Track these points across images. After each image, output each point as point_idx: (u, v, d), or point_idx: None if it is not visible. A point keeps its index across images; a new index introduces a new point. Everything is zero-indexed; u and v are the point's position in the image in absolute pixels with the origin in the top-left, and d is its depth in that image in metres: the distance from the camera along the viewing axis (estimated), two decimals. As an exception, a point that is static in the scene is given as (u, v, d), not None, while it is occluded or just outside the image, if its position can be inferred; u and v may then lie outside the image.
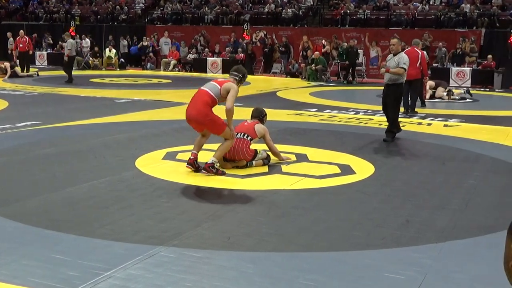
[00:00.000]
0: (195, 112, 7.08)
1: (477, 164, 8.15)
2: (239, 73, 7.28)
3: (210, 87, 7.15)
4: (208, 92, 7.10)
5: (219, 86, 7.10)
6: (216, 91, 7.07)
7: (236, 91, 7.07)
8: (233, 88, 7.05)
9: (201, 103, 7.06)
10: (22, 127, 10.32)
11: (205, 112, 7.01)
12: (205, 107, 7.03)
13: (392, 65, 9.55)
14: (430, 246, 4.76)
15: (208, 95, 7.07)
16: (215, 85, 7.14)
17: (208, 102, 7.04)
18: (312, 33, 25.28)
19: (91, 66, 26.29)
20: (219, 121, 7.10)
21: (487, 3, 24.72)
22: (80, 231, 4.89)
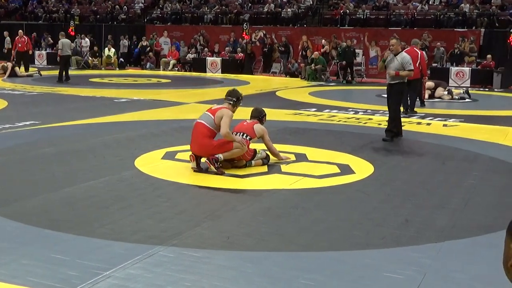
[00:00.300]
0: (198, 148, 7.25)
1: (476, 163, 8.15)
2: (233, 97, 7.44)
3: (205, 119, 7.29)
4: (204, 124, 7.25)
5: (212, 116, 7.23)
6: (211, 122, 7.22)
7: (229, 117, 7.17)
8: (225, 114, 7.15)
9: (201, 137, 7.22)
10: (21, 126, 10.32)
11: (208, 143, 7.18)
12: (205, 139, 7.19)
13: (395, 66, 9.58)
14: (430, 246, 4.76)
15: (205, 127, 7.23)
16: (209, 116, 7.28)
17: (207, 134, 7.21)
18: (312, 33, 25.29)
19: (91, 66, 26.29)
20: (225, 142, 7.21)
21: (486, 3, 24.73)
22: (80, 231, 4.89)
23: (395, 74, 9.56)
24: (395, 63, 9.62)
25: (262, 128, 7.78)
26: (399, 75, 9.56)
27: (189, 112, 12.64)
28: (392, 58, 9.70)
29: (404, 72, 9.58)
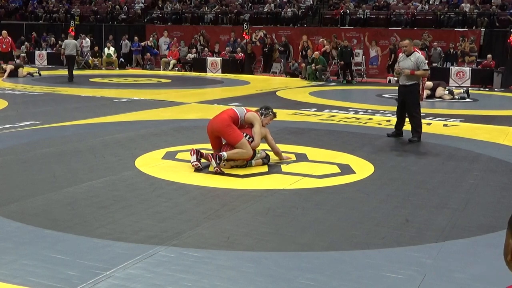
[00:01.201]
0: (216, 121, 7.43)
1: (476, 163, 8.15)
2: (263, 108, 7.87)
3: (237, 109, 7.63)
4: (235, 110, 7.54)
5: (245, 112, 7.58)
6: (242, 113, 7.53)
7: (260, 124, 7.53)
8: (257, 121, 7.51)
9: (224, 114, 7.47)
10: (22, 126, 10.32)
11: (226, 119, 7.37)
12: (227, 116, 7.41)
13: (408, 66, 9.57)
14: (430, 246, 4.76)
15: (234, 111, 7.52)
16: (243, 109, 7.66)
17: (232, 115, 7.44)
18: (312, 32, 25.29)
19: (91, 66, 26.30)
20: (237, 132, 7.37)
21: (486, 3, 24.73)
22: (80, 231, 4.89)
23: (410, 73, 9.48)
24: (408, 63, 9.56)
25: (264, 129, 7.78)
26: (414, 74, 9.53)
27: (190, 112, 12.65)
28: (405, 58, 9.66)
29: (419, 72, 9.60)
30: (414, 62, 9.54)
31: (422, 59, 9.68)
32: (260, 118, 7.64)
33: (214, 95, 16.38)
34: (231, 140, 7.32)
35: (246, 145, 7.31)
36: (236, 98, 14.11)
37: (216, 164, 7.08)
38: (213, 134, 7.49)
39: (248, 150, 7.34)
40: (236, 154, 7.30)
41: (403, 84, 9.75)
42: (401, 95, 9.91)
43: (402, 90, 9.84)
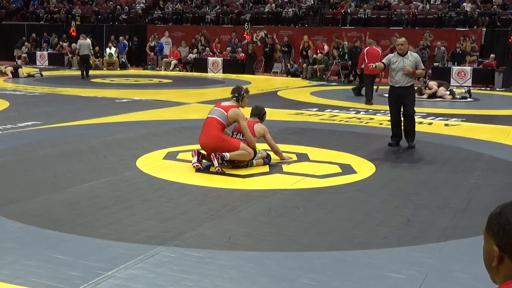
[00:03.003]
0: (208, 139, 7.35)
1: (478, 163, 8.14)
2: (234, 93, 7.69)
3: (217, 114, 7.48)
4: (217, 118, 7.43)
5: (225, 112, 7.43)
6: (224, 117, 7.43)
7: (243, 118, 7.46)
8: (241, 118, 7.41)
9: (212, 129, 7.38)
10: (23, 127, 10.33)
11: (217, 135, 7.32)
12: (216, 131, 7.35)
13: (408, 65, 8.84)
14: (432, 246, 4.76)
15: (217, 121, 7.42)
16: (222, 112, 7.47)
17: (219, 127, 7.39)
18: (313, 32, 25.27)
19: (92, 66, 26.29)
20: (233, 141, 7.38)
21: (487, 2, 24.71)
22: (82, 231, 4.89)
23: (412, 72, 8.81)
24: (406, 63, 8.88)
25: (262, 127, 7.78)
26: (415, 73, 8.94)
27: (191, 112, 12.66)
28: (399, 57, 8.98)
29: (419, 71, 9.03)
30: (413, 62, 8.93)
31: (419, 59, 9.24)
32: (239, 110, 7.48)
33: (215, 95, 16.38)
34: (229, 151, 7.29)
35: (246, 148, 7.35)
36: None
37: (218, 165, 7.08)
38: (207, 149, 7.37)
39: (250, 152, 7.37)
40: (239, 156, 7.32)
41: (401, 86, 8.95)
42: (399, 98, 9.03)
43: (400, 92, 8.99)
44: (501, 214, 1.64)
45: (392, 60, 9.04)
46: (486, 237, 1.65)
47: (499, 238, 1.61)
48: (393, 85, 9.03)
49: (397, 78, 8.95)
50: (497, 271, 1.62)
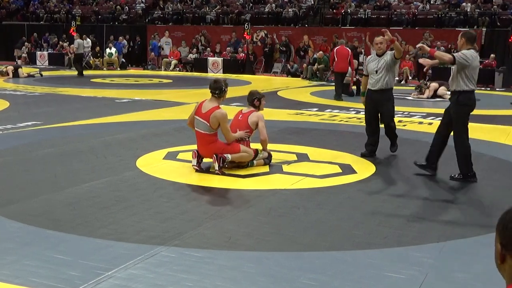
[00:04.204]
0: (209, 152, 7.24)
1: (478, 163, 8.13)
2: (216, 89, 7.35)
3: (202, 128, 7.25)
4: (205, 133, 7.25)
5: (207, 122, 7.18)
6: (208, 128, 7.21)
7: (224, 120, 7.15)
8: (221, 120, 7.13)
9: (206, 143, 7.26)
10: (23, 127, 10.33)
11: (216, 147, 7.22)
12: (211, 145, 7.24)
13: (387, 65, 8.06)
14: (432, 246, 4.76)
15: (206, 135, 7.24)
16: (203, 123, 7.22)
17: (210, 140, 7.25)
18: (313, 32, 25.29)
19: (92, 66, 26.32)
20: (233, 146, 7.29)
21: (487, 2, 24.72)
22: (82, 231, 4.89)
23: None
24: (381, 62, 8.06)
25: (256, 115, 7.65)
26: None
27: (191, 112, 12.64)
28: (376, 59, 8.17)
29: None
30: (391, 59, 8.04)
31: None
32: (219, 112, 7.13)
33: (215, 95, 16.38)
34: (233, 152, 7.27)
35: (247, 150, 7.37)
36: (237, 98, 14.10)
37: (218, 168, 7.06)
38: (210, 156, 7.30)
39: (250, 153, 7.38)
40: (240, 158, 7.32)
41: (378, 88, 8.10)
42: (375, 103, 8.21)
43: (376, 97, 8.14)
44: (507, 214, 1.65)
45: (369, 60, 8.36)
46: (495, 237, 1.67)
47: (502, 236, 1.63)
48: (370, 87, 8.26)
49: (373, 81, 8.16)
50: (503, 270, 1.64)
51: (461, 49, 6.93)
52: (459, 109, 7.04)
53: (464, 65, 6.78)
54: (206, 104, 7.34)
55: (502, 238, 1.62)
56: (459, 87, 6.94)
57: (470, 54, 6.82)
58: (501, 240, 1.63)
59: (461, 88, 6.92)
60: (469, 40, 6.93)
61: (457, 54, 6.84)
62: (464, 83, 6.91)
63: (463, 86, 6.91)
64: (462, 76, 6.88)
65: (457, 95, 6.99)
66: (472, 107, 7.20)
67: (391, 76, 8.12)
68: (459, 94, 6.96)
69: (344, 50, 15.92)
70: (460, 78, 6.90)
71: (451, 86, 7.09)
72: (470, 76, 6.91)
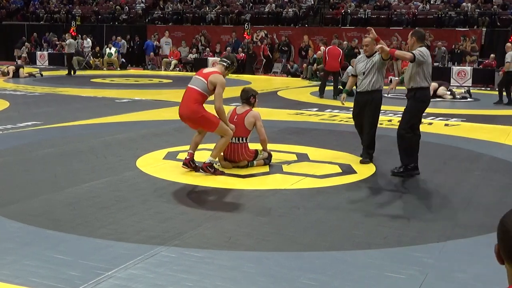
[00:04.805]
0: (187, 111, 7.05)
1: (478, 163, 8.14)
2: (228, 60, 7.25)
3: (198, 85, 7.05)
4: (197, 89, 7.03)
5: (205, 80, 6.99)
6: (204, 87, 7.00)
7: (222, 87, 6.96)
8: (219, 83, 6.93)
9: (192, 101, 7.01)
10: (23, 127, 10.33)
11: (197, 109, 6.99)
12: (196, 104, 7.00)
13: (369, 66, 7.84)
14: (432, 246, 4.76)
15: (198, 92, 7.01)
16: (202, 81, 7.03)
17: (198, 99, 7.01)
18: (313, 32, 25.29)
19: (92, 66, 26.32)
20: (212, 118, 7.05)
21: (487, 2, 24.71)
22: (82, 231, 4.89)
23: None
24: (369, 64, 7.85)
25: (252, 115, 7.51)
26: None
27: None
28: (364, 59, 7.95)
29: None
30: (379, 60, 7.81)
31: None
32: (221, 76, 7.02)
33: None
34: (207, 129, 7.09)
35: (223, 130, 7.04)
36: (237, 98, 14.07)
37: (213, 173, 6.96)
38: (186, 121, 7.17)
39: (227, 133, 7.06)
40: (220, 149, 7.09)
41: (364, 90, 7.85)
42: (360, 106, 7.97)
43: (362, 98, 7.91)
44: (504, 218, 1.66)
45: (358, 60, 8.13)
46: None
47: (499, 241, 1.65)
48: (357, 89, 8.08)
49: (360, 82, 7.93)
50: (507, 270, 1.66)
51: (413, 48, 7.11)
52: (416, 105, 7.22)
53: (422, 62, 6.96)
54: (209, 68, 7.37)
55: (499, 242, 1.64)
56: (416, 84, 7.10)
57: (425, 51, 7.05)
58: (499, 243, 1.65)
59: (419, 85, 7.09)
60: (419, 39, 7.16)
61: (415, 52, 6.96)
62: (421, 79, 7.07)
63: (420, 83, 7.08)
64: (419, 73, 7.05)
65: (414, 92, 7.16)
66: (427, 104, 7.42)
67: (379, 77, 7.85)
68: (416, 91, 7.14)
69: (335, 50, 16.47)
70: (417, 75, 7.06)
71: (407, 83, 7.23)
72: (427, 73, 7.10)
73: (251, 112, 7.56)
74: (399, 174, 7.14)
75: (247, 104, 7.66)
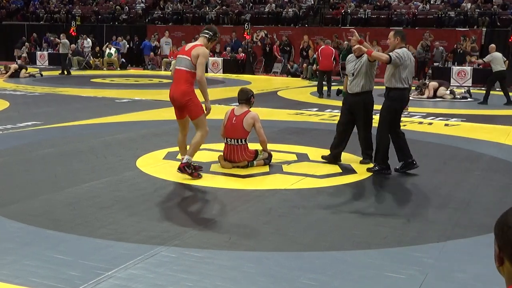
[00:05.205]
0: (177, 93, 6.88)
1: (478, 163, 8.14)
2: (210, 31, 7.07)
3: (184, 65, 6.90)
4: (184, 70, 6.89)
5: (189, 57, 6.86)
6: (190, 65, 6.86)
7: (204, 56, 6.85)
8: (201, 54, 6.81)
9: (183, 82, 6.88)
10: (23, 127, 10.33)
11: (187, 91, 6.84)
12: (186, 85, 6.87)
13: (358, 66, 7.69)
14: (432, 245, 4.76)
15: (185, 72, 6.88)
16: (186, 59, 6.89)
17: (188, 79, 6.88)
18: (313, 32, 25.29)
19: (92, 66, 26.32)
20: (198, 105, 6.92)
21: (487, 2, 24.72)
22: (82, 231, 4.89)
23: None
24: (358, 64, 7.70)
25: (251, 116, 7.48)
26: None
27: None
28: (354, 60, 7.79)
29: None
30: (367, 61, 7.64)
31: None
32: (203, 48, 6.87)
33: (215, 95, 16.38)
34: (190, 114, 6.92)
35: (202, 123, 6.90)
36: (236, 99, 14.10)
37: (190, 174, 6.76)
38: (175, 104, 7.02)
39: (203, 129, 6.88)
40: (196, 147, 6.89)
41: (353, 92, 7.74)
42: (348, 107, 7.90)
43: (351, 100, 7.81)
44: (503, 217, 1.66)
45: (348, 60, 7.98)
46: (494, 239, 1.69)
47: (499, 238, 1.64)
48: (347, 90, 7.95)
49: (349, 83, 7.82)
50: (503, 272, 1.66)
51: (396, 48, 7.17)
52: (391, 104, 7.31)
53: (397, 64, 7.04)
54: (190, 44, 7.18)
55: (499, 240, 1.64)
56: (391, 85, 7.23)
57: (403, 53, 7.09)
58: (498, 242, 1.65)
59: (393, 86, 7.21)
60: (403, 39, 7.24)
61: (392, 54, 7.04)
62: (396, 81, 7.17)
63: (395, 84, 7.18)
64: (394, 75, 7.15)
65: (388, 91, 7.32)
66: (403, 103, 7.46)
67: (368, 79, 7.70)
68: (389, 90, 7.28)
69: (328, 50, 16.86)
70: (393, 77, 7.17)
71: (385, 82, 7.36)
72: (404, 75, 7.16)
73: (250, 113, 7.53)
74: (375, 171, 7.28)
75: (246, 104, 7.66)
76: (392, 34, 7.23)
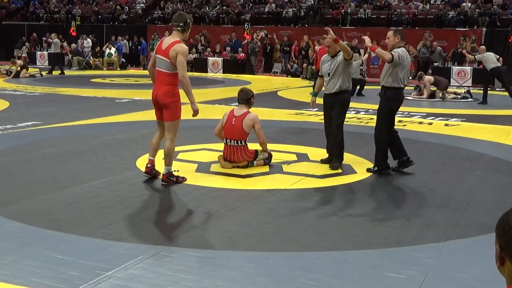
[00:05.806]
0: (160, 93, 6.65)
1: (478, 163, 8.14)
2: (179, 22, 6.59)
3: (163, 67, 6.62)
4: (164, 72, 6.63)
5: (167, 58, 6.56)
6: (169, 66, 6.59)
7: (183, 54, 6.50)
8: (179, 52, 6.48)
9: (164, 83, 6.64)
10: (23, 127, 10.33)
11: (173, 92, 6.64)
12: (170, 86, 6.65)
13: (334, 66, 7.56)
14: (432, 245, 4.76)
15: (165, 74, 6.62)
16: (165, 61, 6.60)
17: (169, 80, 6.62)
18: (313, 32, 25.28)
19: (92, 66, 26.32)
20: (178, 110, 6.75)
21: (487, 2, 24.73)
22: (82, 231, 4.89)
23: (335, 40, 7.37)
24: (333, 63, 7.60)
25: (251, 119, 7.45)
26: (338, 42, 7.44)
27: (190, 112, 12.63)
28: (329, 60, 7.68)
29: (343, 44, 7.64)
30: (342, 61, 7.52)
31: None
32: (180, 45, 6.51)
33: (215, 95, 16.39)
34: (168, 116, 6.66)
35: (174, 130, 6.73)
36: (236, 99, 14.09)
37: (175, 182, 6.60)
38: (157, 106, 6.78)
39: (174, 136, 6.71)
40: (170, 155, 6.66)
41: (331, 92, 7.64)
42: (328, 107, 7.85)
43: (329, 100, 7.75)
44: (505, 216, 1.66)
45: (323, 61, 7.85)
46: (495, 239, 1.69)
47: (500, 238, 1.65)
48: (324, 91, 7.84)
49: (327, 84, 7.71)
50: (503, 272, 1.66)
51: (395, 47, 7.19)
52: (387, 103, 7.33)
53: (396, 64, 7.09)
54: (166, 40, 6.69)
55: (500, 240, 1.64)
56: (387, 83, 7.25)
57: (403, 53, 7.14)
58: (499, 242, 1.65)
59: (389, 85, 7.23)
60: (402, 38, 7.30)
61: (395, 54, 7.07)
62: (393, 80, 7.20)
63: (392, 84, 7.21)
64: (392, 74, 7.19)
65: (384, 90, 7.34)
66: (397, 103, 7.42)
67: (345, 78, 7.56)
68: (386, 89, 7.30)
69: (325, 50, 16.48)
70: (390, 76, 7.21)
71: (381, 81, 7.38)
72: (401, 75, 7.19)
73: (250, 114, 7.51)
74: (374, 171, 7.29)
75: (246, 104, 7.65)
76: (392, 33, 7.24)
